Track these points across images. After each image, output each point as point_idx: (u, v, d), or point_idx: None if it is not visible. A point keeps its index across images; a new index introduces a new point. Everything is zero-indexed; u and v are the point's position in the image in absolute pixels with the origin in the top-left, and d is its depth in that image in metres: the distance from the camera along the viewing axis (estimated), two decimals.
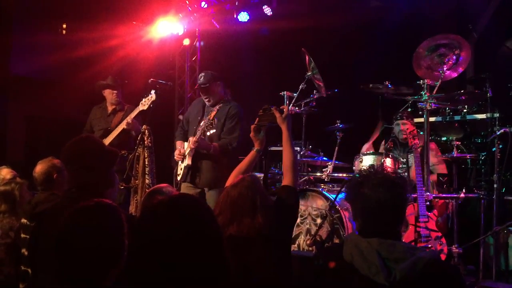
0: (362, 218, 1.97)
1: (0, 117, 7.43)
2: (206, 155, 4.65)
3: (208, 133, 4.55)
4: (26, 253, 2.88)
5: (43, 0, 7.33)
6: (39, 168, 3.51)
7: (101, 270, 1.78)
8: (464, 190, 4.51)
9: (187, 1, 7.46)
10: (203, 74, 4.85)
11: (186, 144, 4.80)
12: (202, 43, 7.95)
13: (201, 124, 4.72)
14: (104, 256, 1.78)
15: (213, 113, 4.60)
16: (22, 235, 3.10)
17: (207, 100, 4.84)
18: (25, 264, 2.80)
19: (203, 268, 1.45)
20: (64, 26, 7.93)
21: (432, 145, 5.14)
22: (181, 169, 4.77)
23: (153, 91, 4.99)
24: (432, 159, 4.94)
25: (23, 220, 3.19)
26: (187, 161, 4.66)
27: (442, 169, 5.05)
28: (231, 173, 3.08)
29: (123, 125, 5.21)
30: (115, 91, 5.53)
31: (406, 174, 4.69)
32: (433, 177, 4.93)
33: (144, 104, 5.05)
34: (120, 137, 5.26)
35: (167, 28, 7.55)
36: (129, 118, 5.19)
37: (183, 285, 1.42)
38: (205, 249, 1.46)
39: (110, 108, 5.60)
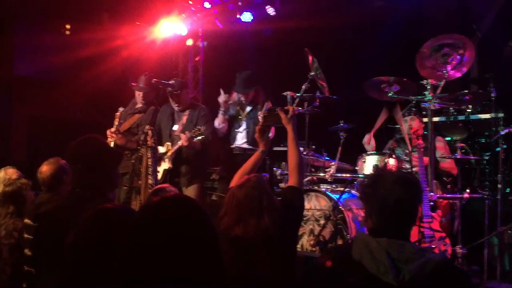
0: (377, 217, 1.96)
1: (4, 117, 7.46)
2: (183, 158, 5.03)
3: (195, 139, 4.83)
4: (29, 253, 2.87)
5: (46, 0, 7.35)
6: (47, 169, 3.39)
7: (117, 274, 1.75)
8: (468, 190, 4.50)
9: (190, 2, 7.46)
10: (173, 81, 5.22)
11: (160, 148, 5.07)
12: (205, 43, 7.96)
13: (173, 128, 5.15)
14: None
15: (185, 117, 5.13)
16: (25, 235, 3.09)
17: (176, 106, 5.20)
18: (28, 265, 2.80)
19: (195, 269, 1.43)
20: (68, 26, 7.95)
21: (441, 138, 5.19)
22: (158, 172, 4.94)
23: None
24: (441, 149, 4.99)
25: (26, 220, 3.17)
26: (168, 164, 5.03)
27: (450, 163, 5.02)
28: (235, 173, 3.05)
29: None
30: (140, 92, 5.47)
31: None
32: (442, 165, 4.93)
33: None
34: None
35: (170, 29, 7.55)
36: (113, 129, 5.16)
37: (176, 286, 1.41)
38: (197, 251, 1.45)
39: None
